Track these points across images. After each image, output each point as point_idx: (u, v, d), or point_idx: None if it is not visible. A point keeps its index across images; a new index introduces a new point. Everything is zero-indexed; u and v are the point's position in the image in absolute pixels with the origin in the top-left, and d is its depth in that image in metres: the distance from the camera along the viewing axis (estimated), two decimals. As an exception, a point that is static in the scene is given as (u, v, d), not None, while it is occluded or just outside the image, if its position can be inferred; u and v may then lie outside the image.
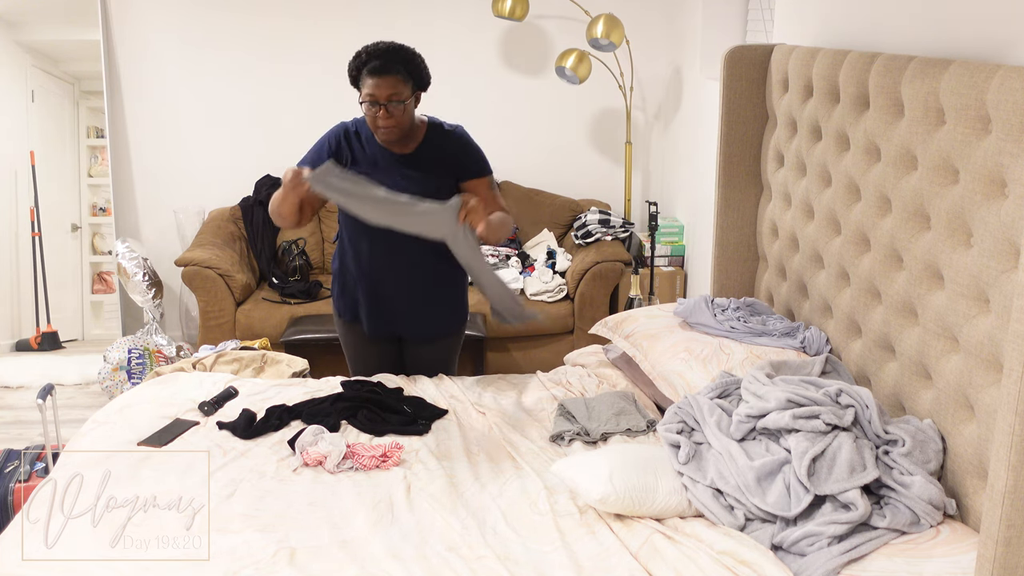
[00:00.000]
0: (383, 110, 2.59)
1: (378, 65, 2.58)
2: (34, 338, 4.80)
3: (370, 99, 2.59)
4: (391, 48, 2.62)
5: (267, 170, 4.82)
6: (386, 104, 2.58)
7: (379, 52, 2.60)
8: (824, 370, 2.42)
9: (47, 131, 4.81)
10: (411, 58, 2.64)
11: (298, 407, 2.60)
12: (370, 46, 2.63)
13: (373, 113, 2.60)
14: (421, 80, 2.67)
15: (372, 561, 1.89)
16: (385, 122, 2.61)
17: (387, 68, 2.58)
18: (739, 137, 3.04)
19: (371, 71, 2.58)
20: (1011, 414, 1.57)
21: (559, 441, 2.44)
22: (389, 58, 2.59)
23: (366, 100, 2.60)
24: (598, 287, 4.27)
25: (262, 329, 4.18)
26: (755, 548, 1.87)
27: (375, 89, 2.58)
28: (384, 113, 2.59)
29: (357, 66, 2.63)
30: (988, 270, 1.87)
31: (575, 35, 4.68)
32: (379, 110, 2.59)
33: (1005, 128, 1.80)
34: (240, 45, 4.69)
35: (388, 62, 2.59)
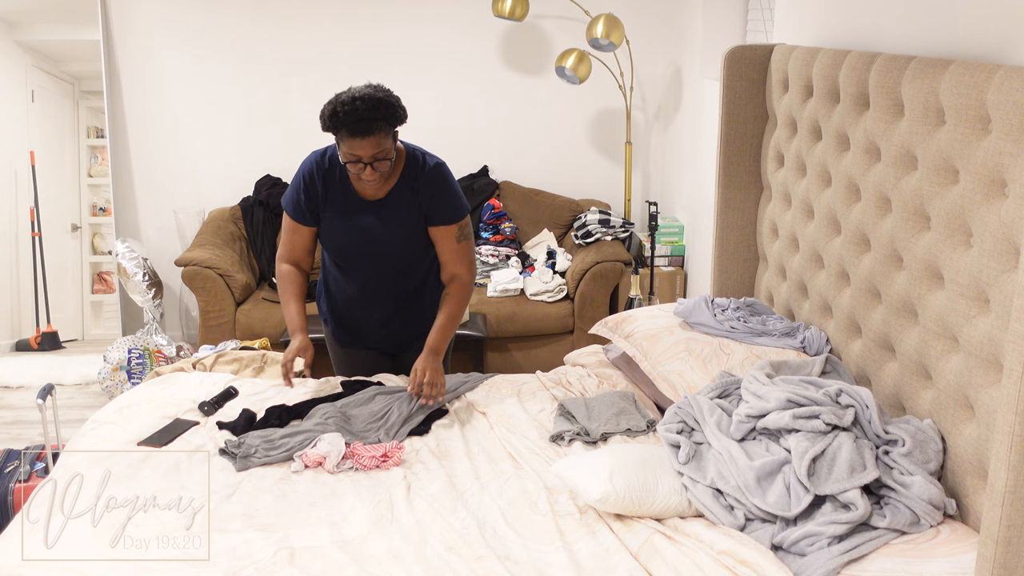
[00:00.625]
0: (368, 168, 2.47)
1: (359, 126, 2.40)
2: (34, 338, 4.80)
3: (353, 158, 2.46)
4: (370, 104, 2.40)
5: (267, 170, 4.82)
6: (370, 163, 2.47)
7: (357, 111, 2.39)
8: (824, 370, 2.42)
9: (47, 131, 4.81)
10: (391, 109, 2.45)
11: (298, 407, 2.60)
12: (345, 102, 2.41)
13: (357, 171, 2.48)
14: (400, 122, 2.51)
15: (372, 561, 1.89)
16: (371, 178, 2.50)
17: (370, 128, 2.41)
18: (739, 137, 3.04)
19: (352, 132, 2.41)
20: (1011, 414, 1.57)
21: (559, 441, 2.44)
22: (370, 116, 2.40)
23: (349, 160, 2.46)
24: (598, 287, 4.27)
25: (262, 329, 4.18)
26: (755, 548, 1.87)
27: (357, 150, 2.43)
28: (370, 171, 2.48)
29: (334, 124, 2.43)
30: (988, 270, 1.87)
31: (575, 35, 4.68)
32: (364, 168, 2.47)
33: (1005, 128, 1.80)
34: (240, 45, 4.69)
35: (369, 121, 2.40)
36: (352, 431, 2.46)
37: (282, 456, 2.31)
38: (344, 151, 2.46)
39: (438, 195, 2.65)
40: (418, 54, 4.76)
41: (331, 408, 2.55)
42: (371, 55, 4.76)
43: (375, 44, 4.75)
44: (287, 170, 4.82)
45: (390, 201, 2.64)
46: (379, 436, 2.44)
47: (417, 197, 2.64)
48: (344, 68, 4.76)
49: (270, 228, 4.69)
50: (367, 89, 2.46)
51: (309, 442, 2.34)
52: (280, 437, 2.37)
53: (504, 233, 4.72)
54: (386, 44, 4.76)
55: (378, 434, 2.45)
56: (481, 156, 4.96)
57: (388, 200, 2.64)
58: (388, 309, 2.81)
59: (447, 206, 2.66)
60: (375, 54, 4.76)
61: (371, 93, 2.44)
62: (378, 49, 4.76)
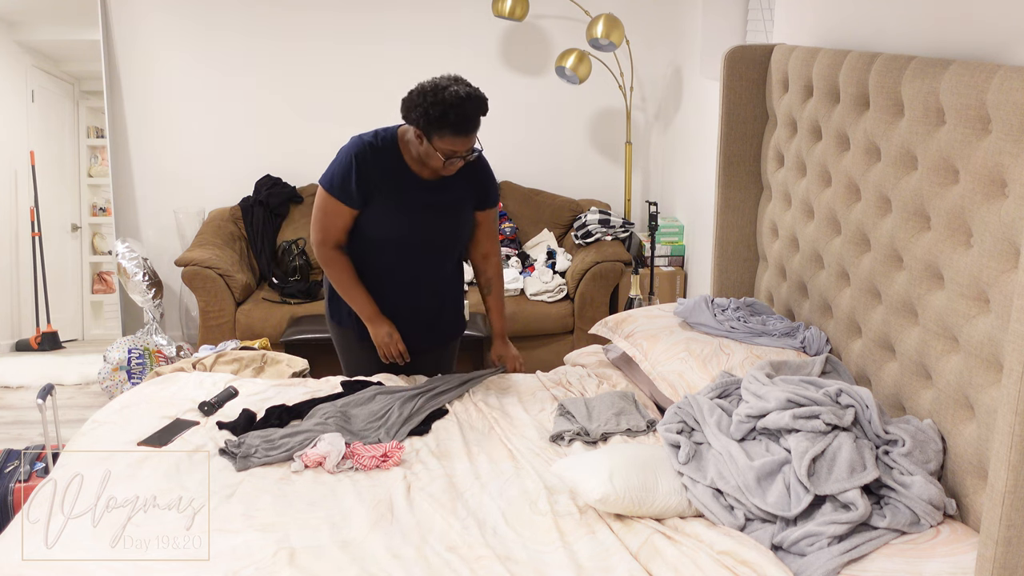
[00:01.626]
0: (460, 160, 2.56)
1: (467, 127, 2.48)
2: (34, 338, 4.80)
3: (452, 154, 2.52)
4: (476, 104, 2.48)
5: (267, 170, 4.82)
6: (465, 155, 2.55)
7: (467, 112, 2.46)
8: (824, 370, 2.42)
9: (47, 131, 4.81)
10: (487, 103, 2.53)
11: (298, 407, 2.60)
12: (454, 99, 2.45)
13: (450, 164, 2.55)
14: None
15: (372, 561, 1.89)
16: (458, 166, 2.58)
17: (475, 127, 2.51)
18: (739, 137, 3.04)
19: (458, 131, 2.47)
20: (1011, 414, 1.57)
21: (559, 441, 2.44)
22: (477, 114, 2.49)
23: (448, 156, 2.52)
24: (598, 287, 4.27)
25: (262, 329, 4.18)
26: (755, 548, 1.87)
27: (459, 146, 2.51)
28: (460, 162, 2.56)
29: (441, 124, 2.46)
30: (988, 270, 1.87)
31: (575, 35, 4.68)
32: (457, 161, 2.55)
33: (1005, 128, 1.80)
34: (240, 45, 4.69)
35: (477, 120, 2.50)
36: (352, 431, 2.46)
37: (282, 456, 2.31)
38: (443, 147, 2.51)
39: (487, 178, 2.78)
40: (418, 54, 4.76)
41: (331, 408, 2.55)
42: (371, 55, 4.76)
43: (375, 44, 4.75)
44: (287, 170, 4.82)
45: (446, 183, 2.69)
46: (379, 436, 2.44)
47: (470, 183, 2.72)
48: (344, 68, 4.76)
49: (270, 228, 4.69)
50: (466, 87, 2.51)
51: (309, 442, 2.34)
52: (280, 437, 2.37)
53: (504, 233, 4.72)
54: (386, 44, 4.76)
55: (378, 434, 2.45)
56: (481, 156, 4.96)
57: (444, 182, 2.69)
58: (422, 298, 2.83)
59: (494, 188, 2.82)
60: (375, 54, 4.76)
61: (474, 92, 2.50)
62: (378, 49, 4.76)
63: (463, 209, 2.76)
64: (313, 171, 4.85)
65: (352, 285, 2.73)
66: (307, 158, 4.85)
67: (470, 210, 2.78)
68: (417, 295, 2.82)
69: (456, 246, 2.83)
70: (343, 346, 2.95)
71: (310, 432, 2.40)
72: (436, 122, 2.46)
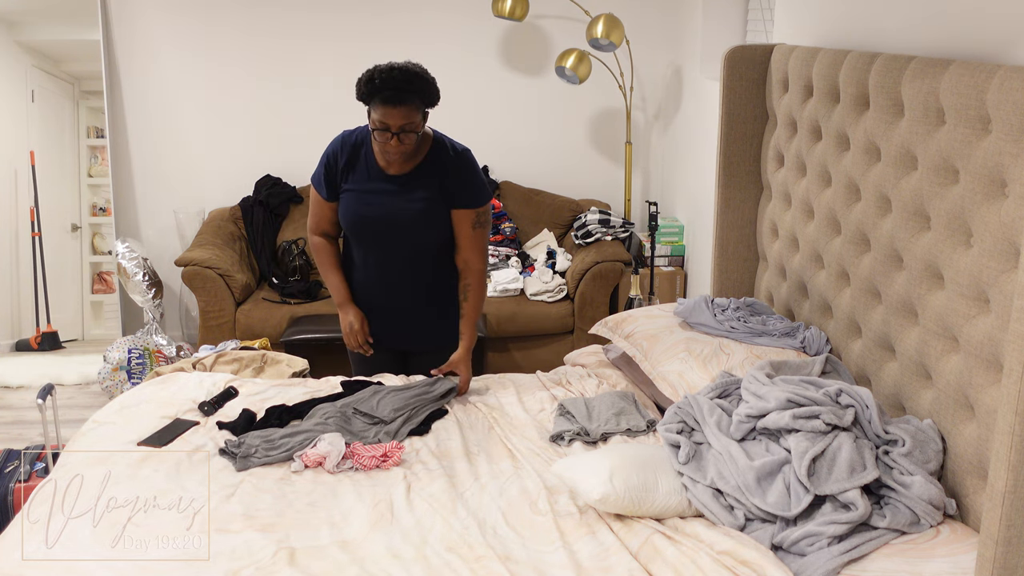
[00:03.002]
0: (395, 139, 2.55)
1: (392, 95, 2.50)
2: (34, 338, 4.80)
3: (381, 126, 2.54)
4: (406, 76, 2.52)
5: (267, 170, 4.82)
6: (398, 133, 2.54)
7: (394, 81, 2.50)
8: (824, 370, 2.42)
9: (47, 131, 4.81)
10: (425, 85, 2.56)
11: (298, 407, 2.60)
12: (383, 70, 2.53)
13: (384, 140, 2.56)
14: (432, 102, 2.61)
15: (372, 561, 1.88)
16: (395, 149, 2.57)
17: (402, 98, 2.50)
18: (739, 137, 3.04)
19: (384, 100, 2.50)
20: (1011, 414, 1.57)
21: (559, 441, 2.44)
22: (405, 87, 2.51)
23: (377, 127, 2.54)
24: (598, 287, 4.27)
25: (262, 329, 4.18)
26: (755, 548, 1.87)
27: (388, 118, 2.52)
28: (396, 141, 2.55)
29: (369, 91, 2.53)
30: (988, 270, 1.87)
31: (575, 35, 4.68)
32: (391, 138, 2.55)
33: (1005, 128, 1.80)
34: (240, 45, 4.69)
35: (404, 92, 2.51)
36: (352, 431, 2.46)
37: (282, 456, 2.31)
38: (374, 118, 2.55)
39: (462, 178, 2.73)
40: (418, 53, 4.72)
41: (331, 408, 2.55)
42: (371, 54, 4.73)
43: (375, 43, 4.74)
44: (287, 170, 4.82)
45: (412, 180, 2.70)
46: (379, 436, 2.44)
47: (441, 180, 2.70)
48: (344, 68, 4.73)
49: (270, 228, 4.69)
50: (406, 63, 2.58)
51: (309, 442, 2.34)
52: (280, 437, 2.37)
53: (504, 233, 4.72)
54: (386, 43, 4.75)
55: (378, 435, 2.45)
56: (481, 156, 4.92)
57: (410, 178, 2.70)
58: (405, 299, 2.83)
59: (469, 190, 2.74)
60: (375, 53, 4.74)
61: (408, 66, 2.56)
62: (378, 49, 4.74)
63: (433, 207, 2.70)
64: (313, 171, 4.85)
65: (329, 271, 2.86)
66: (307, 158, 4.81)
67: (442, 208, 2.72)
68: (401, 296, 2.82)
69: (430, 245, 2.77)
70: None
71: (310, 432, 2.40)
72: (365, 89, 2.55)
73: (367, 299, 2.86)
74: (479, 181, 2.76)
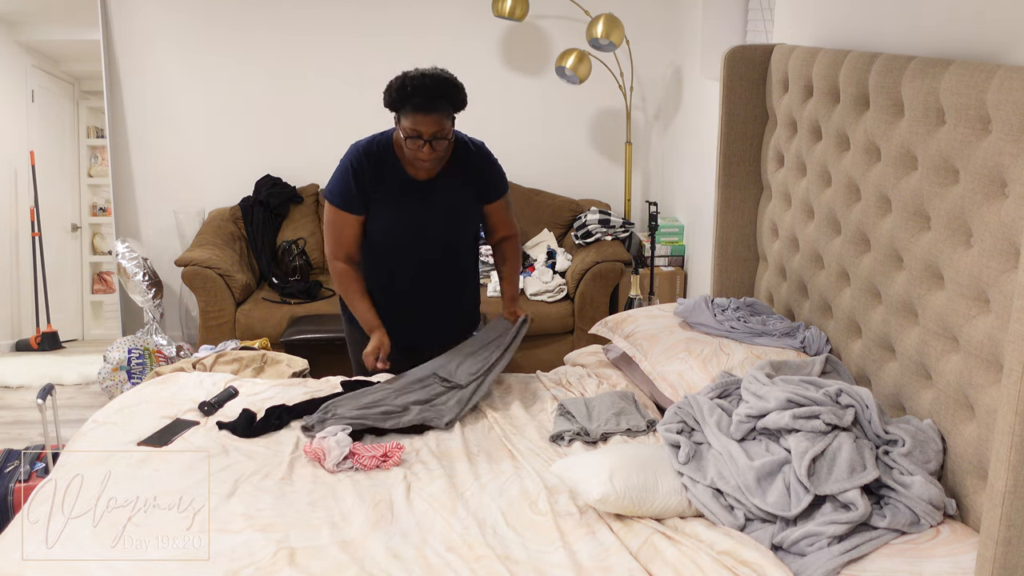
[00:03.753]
0: (427, 146, 2.54)
1: (425, 103, 2.49)
2: (34, 338, 4.80)
3: (414, 134, 2.52)
4: (438, 82, 2.52)
5: (267, 170, 4.82)
6: (430, 140, 2.53)
7: (426, 88, 2.50)
8: (824, 370, 2.42)
9: (47, 131, 4.81)
10: (456, 91, 2.56)
11: (298, 407, 2.60)
12: (415, 77, 2.51)
13: (416, 147, 2.55)
14: (461, 107, 2.61)
15: (372, 561, 1.89)
16: (428, 157, 2.56)
17: (435, 105, 2.50)
18: (739, 137, 3.04)
19: (417, 107, 2.49)
20: (1011, 414, 1.57)
21: (559, 441, 2.44)
22: (437, 94, 2.51)
23: (410, 135, 2.53)
24: (598, 287, 4.27)
25: (262, 329, 4.18)
26: (755, 548, 1.87)
27: (420, 126, 2.51)
28: (428, 149, 2.55)
29: (401, 97, 2.51)
30: (988, 270, 1.87)
31: (575, 35, 4.68)
32: (423, 145, 2.54)
33: (1005, 128, 1.80)
34: (240, 45, 4.69)
35: (436, 99, 2.50)
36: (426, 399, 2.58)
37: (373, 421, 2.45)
38: (406, 126, 2.53)
39: (490, 172, 2.78)
40: (418, 53, 4.75)
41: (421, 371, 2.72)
42: (371, 54, 4.76)
43: (375, 44, 4.75)
44: (287, 170, 4.82)
45: (440, 183, 2.70)
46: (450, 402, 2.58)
47: (469, 179, 2.73)
48: (344, 68, 4.77)
49: (270, 228, 4.69)
50: (435, 69, 2.56)
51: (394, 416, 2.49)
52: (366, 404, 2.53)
53: (504, 233, 4.72)
54: (386, 43, 4.76)
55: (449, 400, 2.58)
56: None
57: (438, 182, 2.70)
58: (432, 299, 2.86)
59: (498, 180, 2.82)
60: (375, 54, 4.76)
61: (439, 73, 2.56)
62: (378, 49, 4.76)
63: (464, 207, 2.77)
64: (313, 171, 4.85)
65: (358, 298, 2.78)
66: (307, 158, 4.85)
67: (474, 206, 2.79)
68: (428, 297, 2.84)
69: (463, 243, 2.85)
70: (352, 340, 2.98)
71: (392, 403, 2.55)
72: (397, 96, 2.52)
73: (392, 305, 2.83)
74: (500, 168, 2.84)
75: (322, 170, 4.84)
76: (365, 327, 2.80)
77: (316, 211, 4.81)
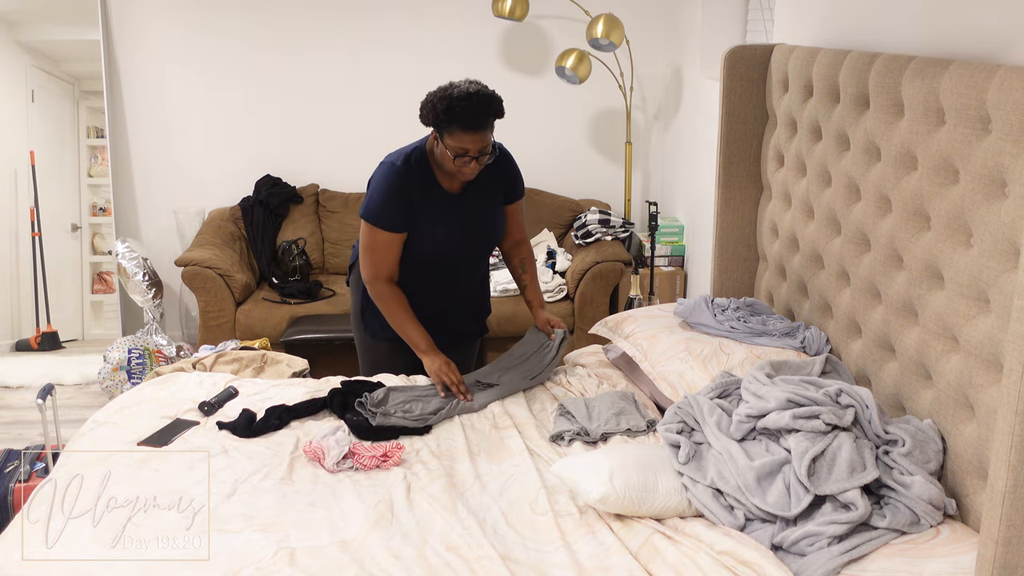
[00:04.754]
0: (474, 162, 2.55)
1: (474, 123, 2.48)
2: (34, 338, 4.80)
3: (461, 152, 2.52)
4: (483, 100, 2.50)
5: (267, 170, 4.82)
6: (477, 156, 2.54)
7: (473, 108, 2.47)
8: (824, 370, 2.42)
9: (47, 131, 4.81)
10: (500, 103, 2.55)
11: (298, 407, 2.59)
12: (461, 97, 2.47)
13: (461, 164, 2.54)
14: (502, 117, 2.59)
15: (372, 561, 1.89)
16: (474, 171, 2.58)
17: (482, 124, 2.49)
18: (739, 137, 3.04)
19: (466, 127, 2.48)
20: (1011, 414, 1.57)
21: (559, 441, 2.44)
22: (484, 111, 2.49)
23: (458, 154, 2.52)
24: (598, 287, 4.27)
25: (262, 329, 4.18)
26: (755, 548, 1.87)
27: (468, 144, 2.50)
28: (475, 164, 2.55)
29: (448, 118, 2.48)
30: (988, 270, 1.87)
31: (575, 35, 4.68)
32: (469, 162, 2.54)
33: (1005, 128, 1.80)
34: (240, 45, 4.69)
35: (484, 116, 2.49)
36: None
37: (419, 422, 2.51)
38: (452, 145, 2.51)
39: (512, 173, 2.83)
40: (418, 54, 4.76)
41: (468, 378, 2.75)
42: (371, 55, 4.76)
43: (375, 44, 4.75)
44: (287, 170, 4.82)
45: (471, 190, 2.72)
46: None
47: (496, 180, 2.75)
48: (344, 67, 4.76)
49: (270, 228, 4.69)
50: (476, 85, 2.54)
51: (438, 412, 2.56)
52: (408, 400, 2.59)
53: (504, 233, 4.72)
54: (386, 44, 4.76)
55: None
56: (481, 156, 4.96)
57: (469, 190, 2.72)
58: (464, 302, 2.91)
59: (518, 182, 2.86)
60: (375, 54, 4.76)
61: (482, 89, 2.53)
62: (378, 49, 4.76)
63: (495, 211, 2.81)
64: (313, 171, 4.85)
65: (406, 319, 2.72)
66: (307, 158, 4.85)
67: (501, 206, 2.83)
68: (456, 300, 2.88)
69: (493, 246, 2.90)
70: (372, 357, 2.94)
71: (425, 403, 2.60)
72: (444, 117, 2.49)
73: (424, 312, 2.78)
74: (518, 170, 2.86)
75: (322, 170, 4.86)
76: (417, 349, 2.73)
77: (316, 211, 4.81)
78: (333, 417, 2.58)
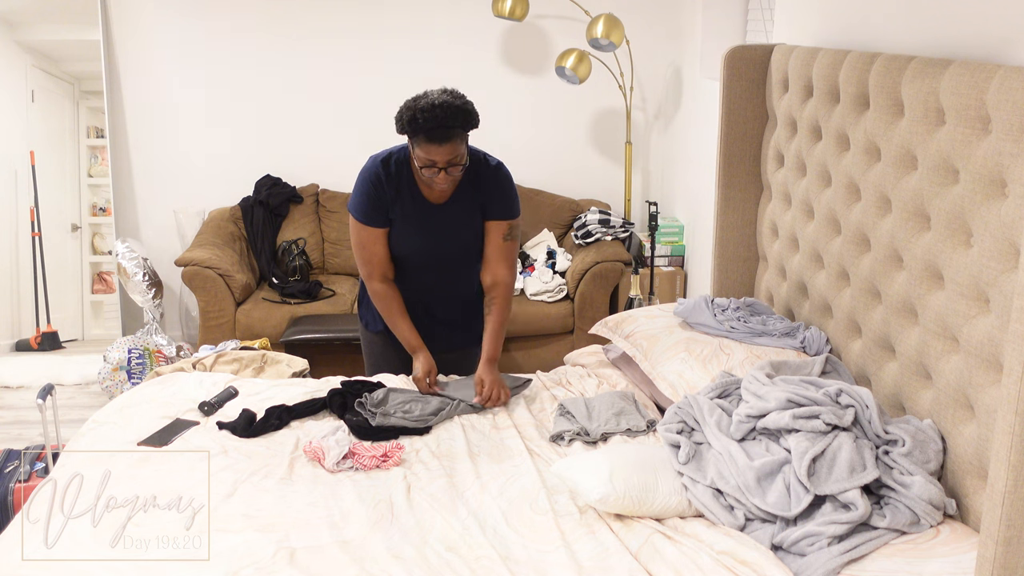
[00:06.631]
0: (442, 173, 2.51)
1: (436, 135, 2.43)
2: (34, 338, 4.80)
3: (428, 163, 2.48)
4: (449, 111, 2.43)
5: (267, 170, 4.82)
6: (445, 168, 2.50)
7: (437, 118, 2.41)
8: (824, 370, 2.42)
9: (47, 131, 4.81)
10: (468, 115, 2.48)
11: (298, 407, 2.60)
12: (425, 108, 2.42)
13: (431, 175, 2.51)
14: (474, 128, 2.53)
15: (372, 561, 1.89)
16: (444, 182, 2.53)
17: (447, 135, 2.44)
18: (739, 137, 3.04)
19: (430, 138, 2.43)
20: (1011, 414, 1.57)
21: (559, 441, 2.44)
22: (449, 123, 2.43)
23: (425, 164, 2.49)
24: (598, 287, 4.27)
25: (262, 329, 4.18)
26: (755, 548, 1.87)
27: (434, 155, 2.46)
28: (444, 175, 2.51)
29: (413, 129, 2.44)
30: (988, 270, 1.87)
31: (575, 35, 4.68)
32: (437, 173, 2.50)
33: (1005, 128, 1.80)
34: (240, 45, 4.69)
35: (448, 128, 2.43)
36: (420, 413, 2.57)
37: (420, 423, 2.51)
38: (420, 156, 2.49)
39: (496, 190, 2.71)
40: (418, 53, 4.76)
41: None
42: (371, 55, 4.76)
43: (375, 43, 4.75)
44: (287, 170, 4.82)
45: (452, 203, 2.68)
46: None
47: (477, 193, 2.69)
48: (344, 68, 4.76)
49: (270, 228, 4.69)
50: (445, 96, 2.48)
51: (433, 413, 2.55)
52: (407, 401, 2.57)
53: (504, 233, 4.72)
54: (386, 44, 4.76)
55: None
56: (481, 156, 4.96)
57: (451, 201, 2.68)
58: (444, 311, 2.86)
59: (502, 202, 2.73)
60: (375, 54, 4.76)
61: (450, 100, 2.46)
62: (378, 49, 4.76)
63: (470, 221, 2.73)
64: (313, 171, 4.85)
65: (398, 318, 2.75)
66: (307, 158, 4.85)
67: (478, 220, 2.74)
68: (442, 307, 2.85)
69: (471, 258, 2.81)
70: (369, 350, 2.99)
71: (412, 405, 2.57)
72: (408, 127, 2.46)
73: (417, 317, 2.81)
74: (513, 194, 2.75)
75: (322, 170, 4.86)
76: (407, 347, 2.76)
77: (316, 211, 4.81)
78: (333, 417, 2.58)
